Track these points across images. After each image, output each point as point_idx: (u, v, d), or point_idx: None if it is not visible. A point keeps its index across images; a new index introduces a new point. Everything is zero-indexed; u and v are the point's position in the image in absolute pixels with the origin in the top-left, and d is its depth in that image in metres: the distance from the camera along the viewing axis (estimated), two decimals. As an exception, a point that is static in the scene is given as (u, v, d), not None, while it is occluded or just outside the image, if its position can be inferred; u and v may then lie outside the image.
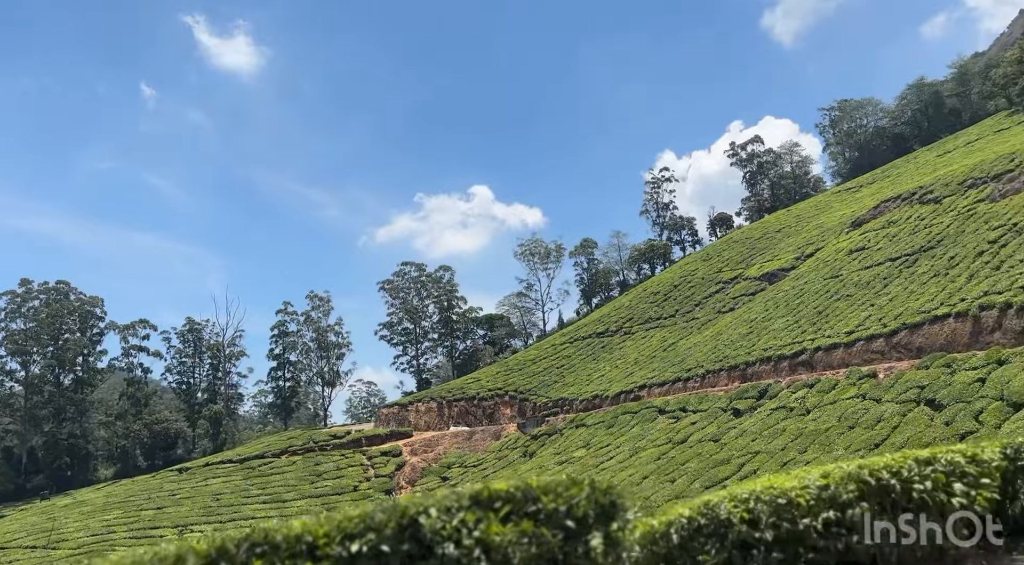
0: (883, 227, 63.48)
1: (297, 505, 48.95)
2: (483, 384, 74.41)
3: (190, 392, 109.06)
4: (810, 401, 37.13)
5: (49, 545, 42.59)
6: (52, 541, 42.99)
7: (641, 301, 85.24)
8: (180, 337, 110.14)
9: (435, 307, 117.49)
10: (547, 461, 47.45)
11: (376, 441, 61.82)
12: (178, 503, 48.87)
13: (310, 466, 55.94)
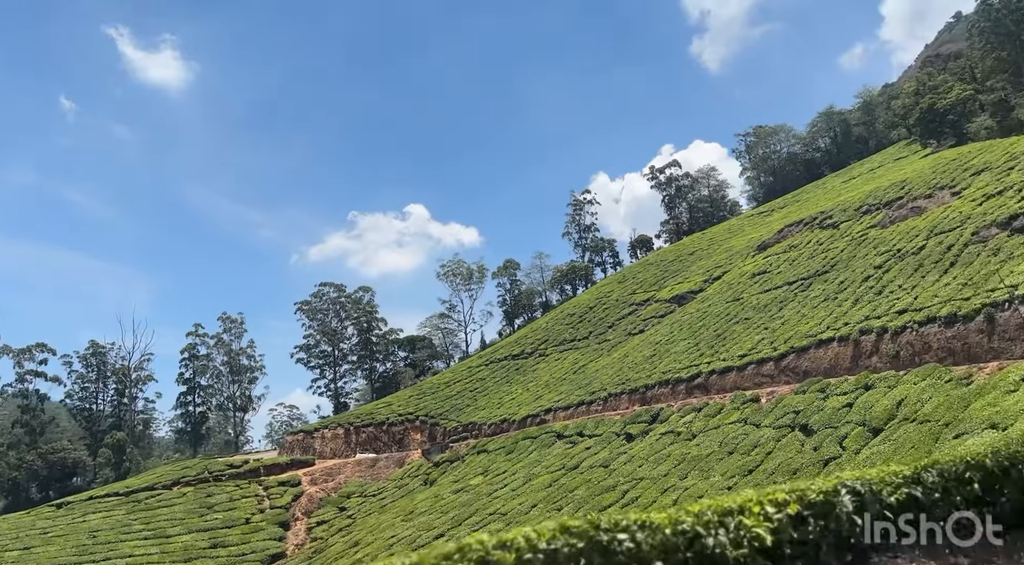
0: (785, 251, 64.91)
1: (182, 540, 46.49)
2: (394, 408, 72.85)
3: (92, 419, 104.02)
4: (696, 425, 37.14)
5: None
6: None
7: (558, 323, 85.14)
8: (82, 361, 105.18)
9: (354, 329, 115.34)
10: (445, 489, 46.32)
11: (276, 470, 59.56)
12: (49, 542, 45.73)
13: (201, 498, 53.40)
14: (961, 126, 75.43)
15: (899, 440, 23.67)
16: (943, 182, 55.68)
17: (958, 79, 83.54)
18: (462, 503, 41.63)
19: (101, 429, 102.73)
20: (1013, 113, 65.46)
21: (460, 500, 42.46)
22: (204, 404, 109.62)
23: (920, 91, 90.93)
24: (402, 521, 42.85)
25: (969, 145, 69.34)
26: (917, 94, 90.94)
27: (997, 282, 32.58)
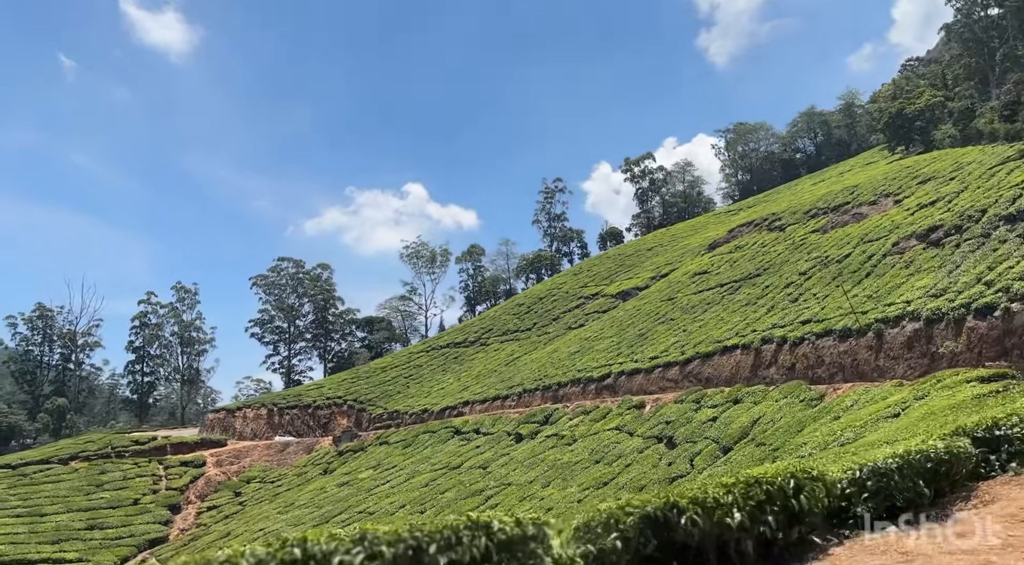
0: (730, 252, 62.64)
1: (57, 519, 44.38)
2: (324, 392, 70.68)
3: (35, 383, 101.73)
4: (579, 430, 35.00)
5: None
6: None
7: (506, 312, 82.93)
8: (27, 323, 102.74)
9: (311, 306, 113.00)
10: (332, 482, 44.25)
11: (183, 449, 57.43)
12: (-92, 514, 43.72)
13: (94, 474, 51.27)
14: (929, 132, 72.91)
15: (737, 462, 21.48)
16: (890, 189, 53.35)
17: (930, 85, 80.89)
18: (340, 498, 39.51)
19: (43, 393, 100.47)
20: (974, 122, 62.91)
21: (340, 494, 40.34)
22: (152, 374, 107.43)
23: (896, 95, 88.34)
24: (279, 513, 40.76)
25: (931, 153, 66.93)
26: (893, 98, 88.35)
27: (897, 297, 30.36)
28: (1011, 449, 5.10)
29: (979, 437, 5.22)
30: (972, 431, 5.27)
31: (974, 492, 4.72)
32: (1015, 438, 5.20)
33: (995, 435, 5.20)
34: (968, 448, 4.93)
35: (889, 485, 4.21)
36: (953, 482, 4.70)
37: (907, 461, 4.46)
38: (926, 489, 4.45)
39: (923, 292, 28.63)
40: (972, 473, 4.81)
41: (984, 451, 5.08)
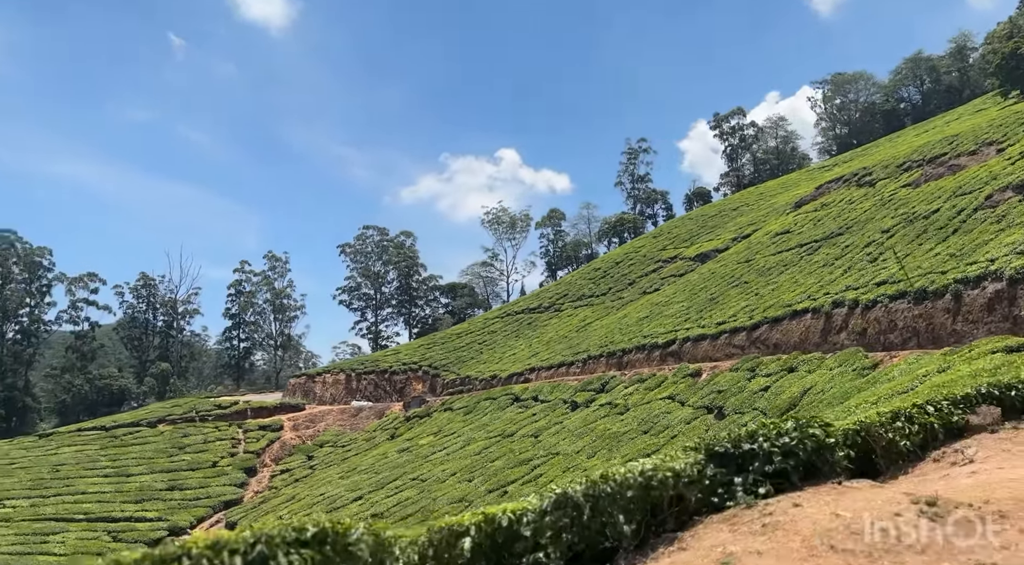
0: (816, 210, 58.91)
1: (141, 479, 46.68)
2: (400, 357, 71.55)
3: (141, 348, 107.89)
4: (633, 399, 33.58)
5: None
6: None
7: (582, 277, 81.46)
8: (133, 292, 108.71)
9: (395, 273, 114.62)
10: (393, 448, 44.55)
11: (263, 414, 59.35)
12: (9, 474, 46.82)
13: (178, 437, 53.65)
14: (1047, 74, 66.06)
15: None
16: (993, 137, 48.51)
17: (1051, 20, 73.03)
18: (398, 464, 39.66)
19: (149, 359, 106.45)
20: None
21: (399, 460, 40.50)
22: (248, 340, 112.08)
23: (1012, 34, 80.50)
24: (340, 478, 41.36)
25: (1048, 95, 60.53)
26: (1009, 38, 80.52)
27: (982, 255, 27.27)
28: (760, 469, 3.71)
29: (721, 453, 3.82)
30: (712, 446, 3.87)
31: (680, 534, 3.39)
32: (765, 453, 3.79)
33: (741, 451, 3.79)
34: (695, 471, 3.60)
35: (584, 523, 3.00)
36: (662, 520, 3.36)
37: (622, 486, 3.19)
38: (627, 527, 3.16)
39: (1010, 249, 25.54)
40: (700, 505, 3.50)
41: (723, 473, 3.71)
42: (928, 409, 6.87)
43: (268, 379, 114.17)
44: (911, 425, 6.48)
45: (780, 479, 3.66)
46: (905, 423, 6.48)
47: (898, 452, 6.22)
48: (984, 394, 7.42)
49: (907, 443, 6.35)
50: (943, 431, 6.77)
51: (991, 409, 7.33)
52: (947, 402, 7.07)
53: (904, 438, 6.30)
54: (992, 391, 7.32)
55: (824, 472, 4.06)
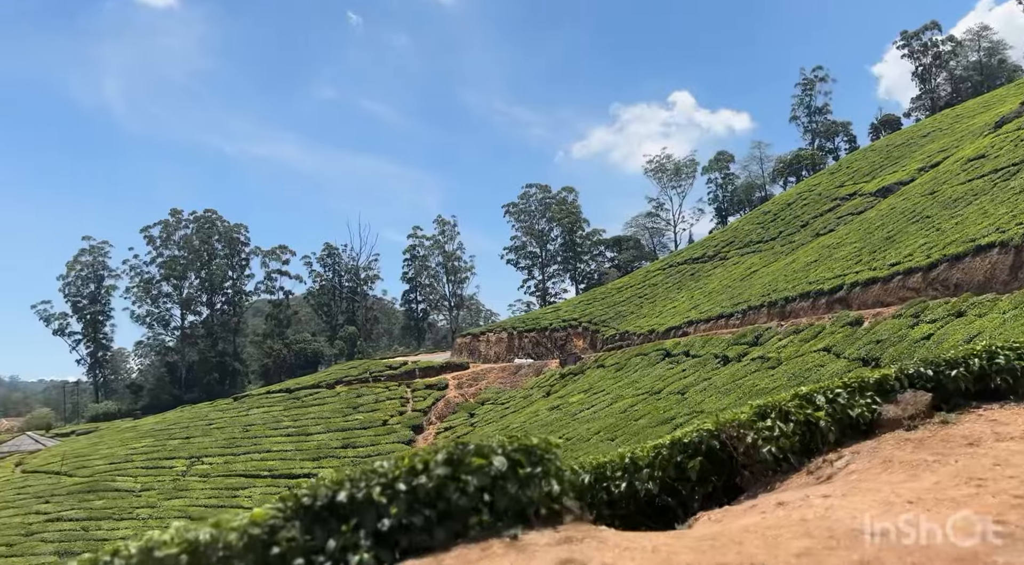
0: (1020, 128, 51.08)
1: (318, 439, 50.09)
2: (560, 314, 71.39)
3: (330, 314, 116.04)
4: (786, 352, 30.92)
5: (64, 472, 47.15)
6: (71, 468, 47.54)
7: (750, 222, 76.77)
8: (320, 262, 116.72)
9: (559, 229, 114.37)
10: (544, 406, 44.47)
11: (430, 373, 61.65)
12: (208, 434, 51.93)
13: (352, 398, 57.00)
14: None
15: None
16: None
17: None
18: (546, 422, 39.49)
19: (338, 323, 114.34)
20: None
21: (548, 418, 40.34)
22: (425, 301, 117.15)
23: None
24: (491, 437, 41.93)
25: None
26: None
27: None
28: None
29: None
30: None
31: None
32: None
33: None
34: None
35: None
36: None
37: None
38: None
39: None
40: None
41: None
42: (817, 400, 5.21)
43: (445, 338, 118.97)
44: (784, 424, 4.93)
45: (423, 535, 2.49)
46: (776, 421, 4.94)
47: (762, 462, 4.78)
48: (912, 375, 5.67)
49: (773, 449, 4.86)
50: (837, 430, 5.10)
51: (918, 396, 5.49)
52: (847, 390, 5.45)
53: (769, 443, 4.82)
54: (925, 371, 5.69)
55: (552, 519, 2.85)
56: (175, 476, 46.05)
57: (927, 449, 4.64)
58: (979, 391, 5.78)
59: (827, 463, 4.80)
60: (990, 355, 5.88)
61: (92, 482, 44.78)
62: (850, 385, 5.55)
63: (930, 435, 4.95)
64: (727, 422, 5.21)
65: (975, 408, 5.50)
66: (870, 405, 5.36)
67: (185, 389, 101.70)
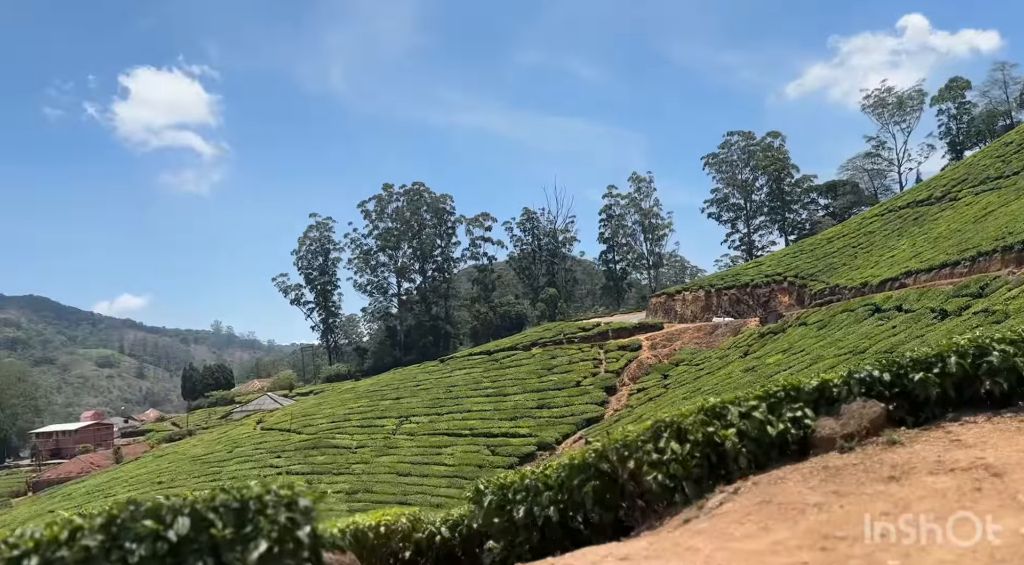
0: None
1: (514, 399, 51.40)
2: (763, 269, 67.30)
3: (531, 277, 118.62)
4: (1015, 304, 26.63)
5: (293, 429, 52.09)
6: (299, 426, 52.46)
7: (987, 156, 67.24)
8: (520, 226, 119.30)
9: (765, 178, 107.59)
10: (740, 367, 42.12)
11: (623, 334, 60.90)
12: (415, 394, 55.03)
13: (546, 360, 57.75)
14: None
15: None
16: None
17: None
18: (738, 385, 37.32)
19: (539, 285, 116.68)
20: None
21: (740, 381, 38.16)
22: (622, 261, 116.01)
23: None
24: (683, 399, 40.45)
25: None
26: None
27: None
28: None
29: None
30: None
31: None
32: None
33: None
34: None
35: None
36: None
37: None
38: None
39: None
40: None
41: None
42: (729, 414, 3.84)
43: (644, 298, 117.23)
44: (680, 445, 3.71)
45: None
46: (669, 442, 3.72)
47: (652, 494, 3.68)
48: (865, 381, 4.51)
49: (659, 477, 3.73)
50: (752, 452, 4.03)
51: (865, 408, 4.27)
52: (768, 401, 4.32)
53: (656, 469, 3.69)
54: (880, 375, 4.52)
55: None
56: (386, 434, 49.57)
57: (834, 483, 3.56)
58: (969, 398, 4.42)
59: (724, 494, 3.75)
60: (979, 351, 4.49)
61: (316, 439, 49.46)
62: (773, 395, 4.37)
63: (855, 462, 3.83)
64: (615, 441, 4.25)
65: (948, 422, 4.28)
66: (801, 420, 4.18)
67: (404, 352, 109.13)
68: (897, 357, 4.67)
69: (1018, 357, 4.38)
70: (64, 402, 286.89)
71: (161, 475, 48.90)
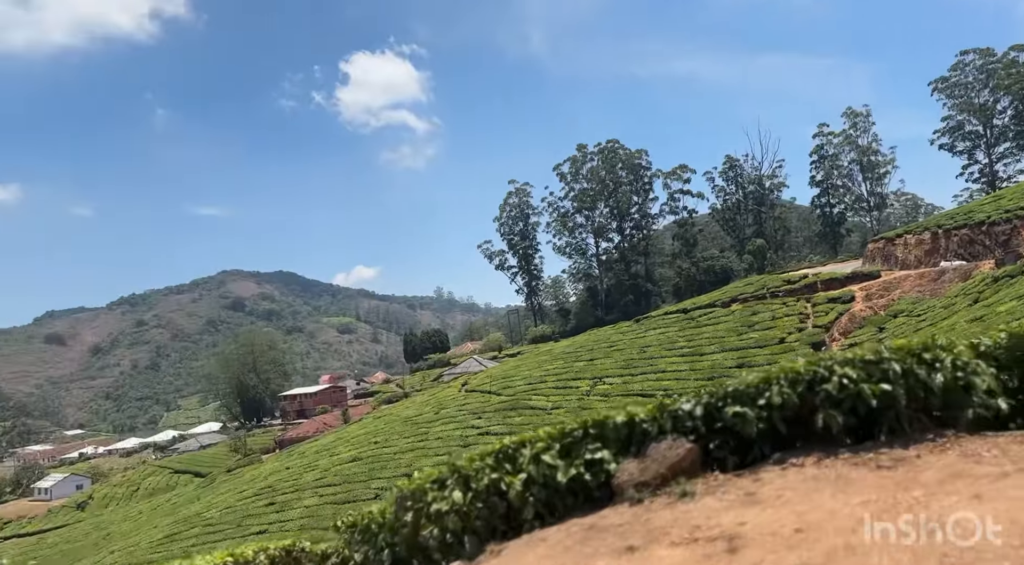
0: None
1: (711, 358, 49.37)
2: (1002, 204, 58.73)
3: (736, 228, 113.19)
4: None
5: (493, 391, 53.53)
6: (499, 388, 53.84)
7: None
8: (721, 176, 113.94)
9: (1008, 99, 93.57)
10: (972, 314, 37.15)
11: (833, 285, 56.09)
12: (609, 355, 54.38)
13: (747, 316, 54.63)
14: None
15: None
16: None
17: None
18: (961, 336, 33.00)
19: (745, 236, 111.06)
20: None
21: (967, 331, 33.62)
22: (839, 204, 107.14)
23: None
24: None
25: None
26: None
27: None
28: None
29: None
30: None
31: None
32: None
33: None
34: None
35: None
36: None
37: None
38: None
39: None
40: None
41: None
42: (520, 457, 3.59)
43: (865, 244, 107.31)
44: (462, 494, 3.20)
45: None
46: (453, 490, 3.16)
47: (430, 549, 2.88)
48: (676, 416, 3.73)
49: (436, 534, 2.89)
50: (541, 501, 3.40)
51: (672, 448, 3.59)
52: (562, 441, 3.74)
53: (434, 523, 3.10)
54: (691, 409, 3.77)
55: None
56: (580, 396, 49.88)
57: (573, 553, 2.80)
58: (807, 434, 3.58)
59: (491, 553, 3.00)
60: (815, 379, 3.63)
61: (513, 400, 50.94)
62: (569, 434, 3.43)
63: (622, 522, 3.48)
64: (403, 489, 3.52)
65: (770, 465, 3.50)
66: (601, 463, 3.21)
67: (605, 311, 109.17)
68: (716, 387, 3.70)
69: (864, 384, 3.32)
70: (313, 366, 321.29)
71: (377, 435, 53.00)
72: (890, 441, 3.47)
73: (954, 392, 3.61)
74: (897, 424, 3.55)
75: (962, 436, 3.53)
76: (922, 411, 3.65)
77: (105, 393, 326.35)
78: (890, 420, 3.54)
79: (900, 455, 3.33)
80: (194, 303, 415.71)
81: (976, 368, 3.76)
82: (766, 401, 3.54)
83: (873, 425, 3.55)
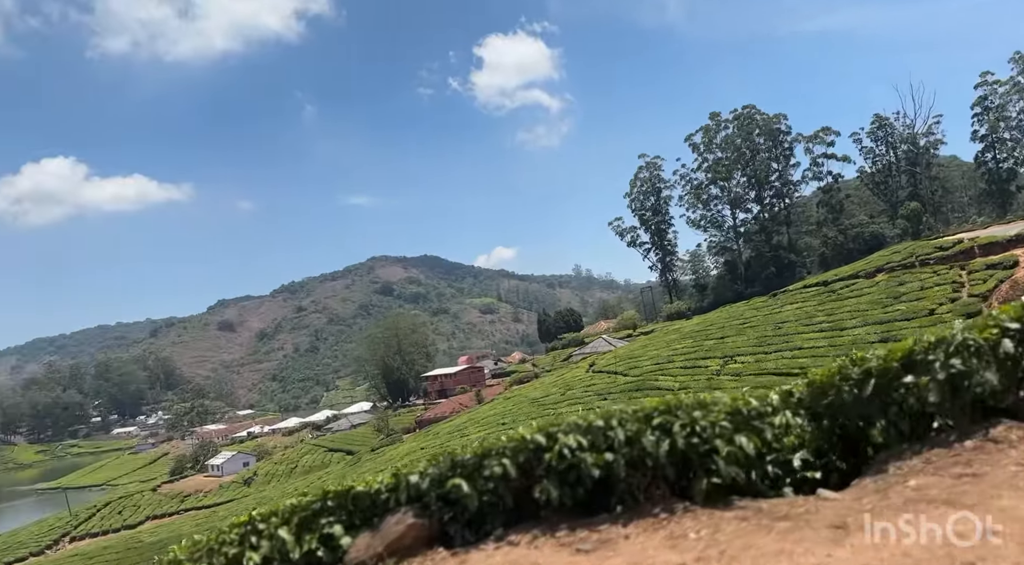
0: None
1: (853, 333, 46.15)
2: None
3: (888, 191, 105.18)
4: None
5: (620, 372, 52.50)
6: (625, 368, 52.74)
7: None
8: (870, 136, 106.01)
9: None
10: None
11: (993, 250, 50.78)
12: (741, 333, 51.86)
13: (893, 286, 50.56)
14: None
15: None
16: None
17: None
18: None
19: (897, 200, 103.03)
20: None
21: None
22: (1007, 159, 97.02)
23: None
24: None
25: None
26: None
27: None
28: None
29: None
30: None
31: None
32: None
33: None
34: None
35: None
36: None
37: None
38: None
39: None
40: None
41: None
42: (265, 530, 3.08)
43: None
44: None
45: None
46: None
47: None
48: (413, 486, 3.24)
49: None
50: None
51: (397, 524, 3.10)
52: (300, 513, 3.19)
53: None
54: (421, 481, 3.26)
55: None
56: (709, 375, 48.23)
57: None
58: (539, 507, 3.18)
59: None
60: (540, 448, 3.27)
61: (640, 381, 50.03)
62: (306, 506, 2.82)
63: None
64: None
65: (491, 542, 3.03)
66: (335, 539, 2.79)
67: (746, 285, 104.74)
68: (443, 457, 3.08)
69: (586, 453, 2.70)
70: (459, 346, 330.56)
71: (505, 416, 53.75)
72: (616, 516, 3.00)
73: (691, 460, 3.14)
74: (629, 496, 3.06)
75: (691, 510, 2.98)
76: (662, 479, 3.13)
77: (272, 375, 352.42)
78: (620, 492, 3.06)
79: (610, 536, 2.82)
80: (347, 289, 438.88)
81: (720, 432, 3.22)
82: (490, 473, 3.10)
83: (611, 496, 3.08)
